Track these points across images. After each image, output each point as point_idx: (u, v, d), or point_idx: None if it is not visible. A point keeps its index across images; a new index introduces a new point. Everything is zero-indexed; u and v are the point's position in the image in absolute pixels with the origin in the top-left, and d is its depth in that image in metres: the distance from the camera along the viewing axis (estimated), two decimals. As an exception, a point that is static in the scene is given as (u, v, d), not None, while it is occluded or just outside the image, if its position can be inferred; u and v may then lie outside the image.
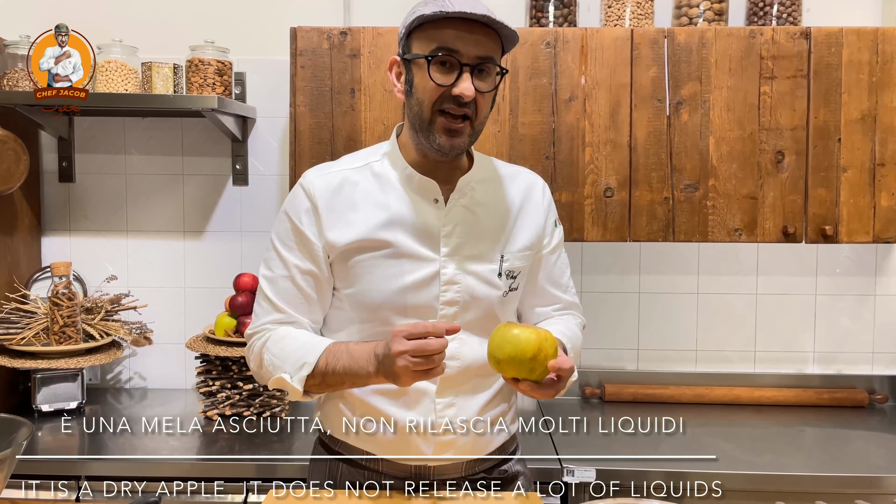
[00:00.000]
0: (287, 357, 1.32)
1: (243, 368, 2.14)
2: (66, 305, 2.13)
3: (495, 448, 1.43)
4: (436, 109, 1.26)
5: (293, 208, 1.37)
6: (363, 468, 1.39)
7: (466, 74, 1.24)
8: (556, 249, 1.49)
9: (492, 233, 1.38)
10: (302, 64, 2.01)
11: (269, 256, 1.40)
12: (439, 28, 1.24)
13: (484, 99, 1.28)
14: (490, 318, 1.37)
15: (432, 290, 1.33)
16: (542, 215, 1.45)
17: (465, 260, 1.34)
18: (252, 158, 2.40)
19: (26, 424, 1.20)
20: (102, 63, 2.10)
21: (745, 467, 1.83)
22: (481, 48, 1.24)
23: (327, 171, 1.38)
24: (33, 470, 1.82)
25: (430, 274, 1.33)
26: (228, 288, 2.31)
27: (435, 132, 1.28)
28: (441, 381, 1.34)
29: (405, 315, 1.33)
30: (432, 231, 1.34)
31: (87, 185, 2.41)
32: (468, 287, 1.34)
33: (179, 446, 1.95)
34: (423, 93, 1.27)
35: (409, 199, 1.34)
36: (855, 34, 1.99)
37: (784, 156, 2.01)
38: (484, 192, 1.39)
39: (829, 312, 2.43)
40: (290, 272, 1.36)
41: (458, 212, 1.35)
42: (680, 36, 2.00)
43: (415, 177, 1.34)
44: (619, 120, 2.01)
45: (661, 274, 2.43)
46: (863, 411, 2.30)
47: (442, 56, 1.24)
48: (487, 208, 1.39)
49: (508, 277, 1.38)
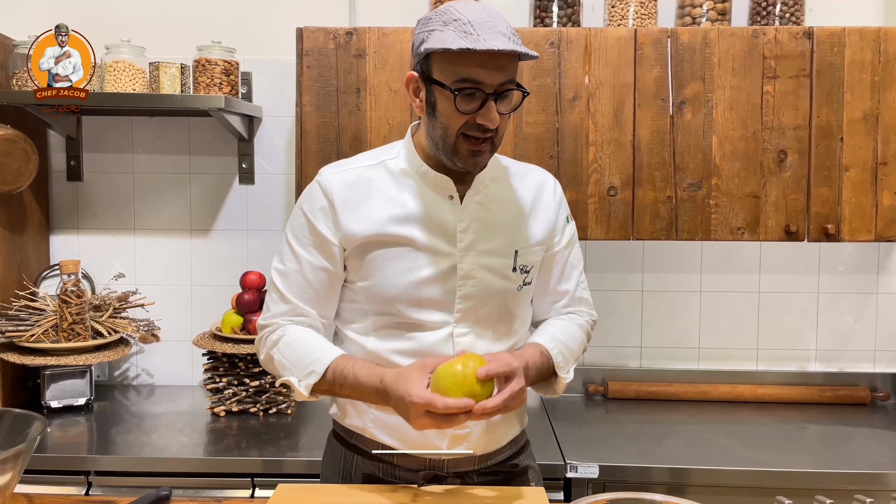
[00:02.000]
0: (296, 361, 1.35)
1: (250, 365, 2.16)
2: (74, 303, 2.15)
3: (507, 442, 1.45)
4: (460, 133, 1.28)
5: (309, 205, 1.39)
6: (378, 461, 1.41)
7: (491, 104, 1.25)
8: (569, 245, 1.50)
9: (505, 229, 1.39)
10: (308, 64, 2.03)
11: (283, 251, 1.42)
12: (465, 58, 1.22)
13: (504, 118, 1.29)
14: (504, 312, 1.40)
15: (449, 285, 1.35)
16: (553, 211, 1.46)
17: (481, 255, 1.36)
18: (258, 158, 2.42)
19: (40, 419, 1.22)
20: (110, 63, 2.12)
21: (747, 464, 1.84)
22: (502, 75, 1.24)
23: (343, 168, 1.40)
24: (43, 465, 1.85)
25: (447, 268, 1.34)
26: (235, 286, 2.33)
27: (459, 154, 1.29)
28: None
29: (420, 307, 1.34)
30: (448, 227, 1.35)
31: (95, 184, 2.43)
32: (484, 281, 1.36)
33: (187, 442, 1.97)
34: (446, 119, 1.27)
35: (425, 196, 1.36)
36: (858, 34, 2.00)
37: (787, 155, 2.02)
38: (497, 189, 1.41)
39: (832, 310, 2.44)
40: (302, 267, 1.38)
41: (473, 208, 1.37)
42: (683, 36, 2.01)
43: (430, 174, 1.35)
44: (623, 119, 2.02)
45: (664, 272, 2.44)
46: (865, 409, 2.32)
47: (467, 89, 1.24)
48: (501, 205, 1.40)
49: (522, 272, 1.40)
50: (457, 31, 1.22)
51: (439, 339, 1.35)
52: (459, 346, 1.35)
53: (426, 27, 1.27)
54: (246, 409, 2.17)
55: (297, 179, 2.05)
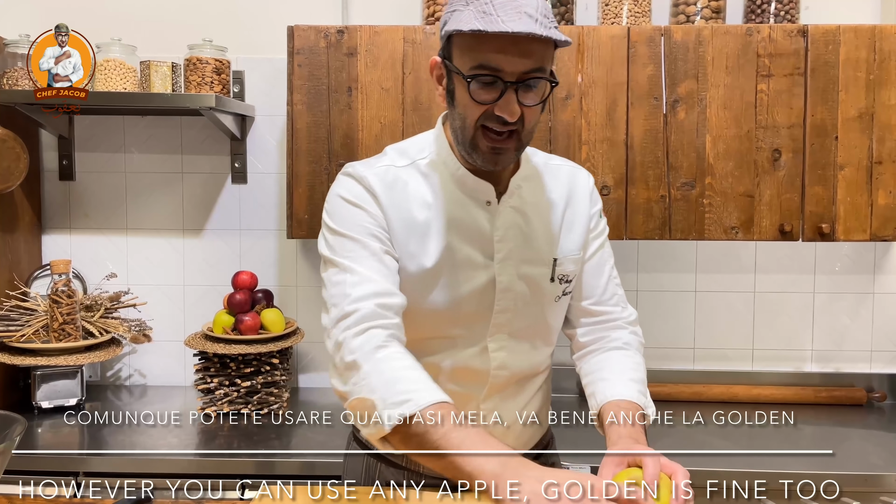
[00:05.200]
0: (389, 384, 1.06)
1: (241, 366, 2.15)
2: (65, 303, 2.14)
3: (533, 444, 1.41)
4: (479, 125, 1.15)
5: (348, 191, 1.23)
6: (402, 468, 1.34)
7: (510, 94, 1.11)
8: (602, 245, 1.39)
9: (542, 235, 1.29)
10: (299, 62, 2.01)
11: (337, 249, 1.20)
12: (481, 41, 1.09)
13: (531, 111, 1.14)
14: (541, 323, 1.32)
15: (487, 299, 1.25)
16: (586, 210, 1.35)
17: (519, 265, 1.26)
18: (251, 157, 2.41)
19: (20, 420, 1.21)
20: (101, 62, 2.11)
21: (742, 465, 1.83)
22: (527, 62, 1.09)
23: (375, 164, 1.27)
24: (32, 466, 1.84)
25: (485, 282, 1.25)
26: (227, 286, 2.32)
27: (479, 150, 1.17)
28: (488, 389, 1.30)
29: (457, 324, 1.26)
30: (484, 236, 1.25)
31: (86, 184, 2.42)
32: (522, 294, 1.27)
33: (178, 443, 1.96)
34: (463, 109, 1.15)
35: (461, 202, 1.24)
36: (852, 32, 1.98)
37: (781, 154, 2.00)
38: (530, 190, 1.30)
39: (828, 310, 2.43)
40: (372, 251, 1.18)
41: (508, 214, 1.26)
42: (677, 34, 2.00)
43: (468, 178, 1.24)
44: (616, 118, 2.01)
45: (658, 272, 2.43)
46: (861, 409, 2.30)
47: (483, 76, 1.11)
48: (535, 208, 1.30)
49: (563, 282, 1.31)
50: (476, 10, 1.09)
51: (472, 353, 1.27)
52: (494, 361, 1.28)
53: (451, 7, 1.15)
54: (237, 410, 2.15)
55: (287, 179, 2.04)
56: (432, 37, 2.00)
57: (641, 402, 1.27)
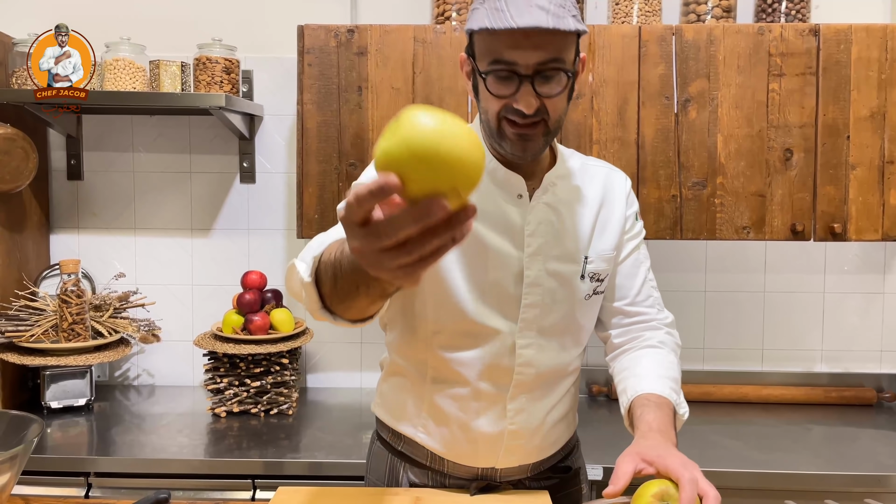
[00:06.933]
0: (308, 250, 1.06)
1: (251, 366, 2.14)
2: (74, 303, 2.14)
3: (560, 446, 1.40)
4: (501, 117, 1.17)
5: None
6: (427, 469, 1.35)
7: (526, 87, 1.12)
8: (637, 247, 1.38)
9: (575, 232, 1.29)
10: (309, 62, 2.01)
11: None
12: (495, 37, 1.11)
13: (554, 101, 1.15)
14: (570, 321, 1.31)
15: (515, 291, 1.25)
16: (622, 211, 1.35)
17: (549, 260, 1.26)
18: (259, 156, 2.40)
19: (37, 421, 1.21)
20: (111, 61, 2.10)
21: (752, 465, 1.82)
22: (541, 54, 1.10)
23: None
24: (43, 466, 1.84)
25: (513, 274, 1.25)
26: (236, 285, 2.32)
27: (506, 139, 1.18)
28: (514, 388, 1.29)
29: (485, 316, 1.26)
30: (515, 228, 1.25)
31: (95, 183, 2.42)
32: (551, 290, 1.27)
33: (187, 443, 1.95)
34: (485, 102, 1.18)
35: (492, 194, 1.25)
36: (864, 31, 1.98)
37: (792, 153, 2.00)
38: (565, 188, 1.30)
39: (838, 310, 2.42)
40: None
41: (541, 209, 1.26)
42: (688, 33, 1.99)
43: (500, 170, 1.25)
44: (627, 117, 2.00)
45: (668, 272, 2.42)
46: (871, 410, 2.29)
47: (498, 71, 1.13)
48: (570, 206, 1.30)
49: (594, 280, 1.30)
50: (489, 8, 1.11)
51: (501, 350, 1.27)
52: (522, 358, 1.27)
53: (473, 5, 1.17)
54: (247, 410, 2.15)
55: (297, 178, 2.04)
56: (442, 36, 2.00)
57: (673, 399, 1.24)
